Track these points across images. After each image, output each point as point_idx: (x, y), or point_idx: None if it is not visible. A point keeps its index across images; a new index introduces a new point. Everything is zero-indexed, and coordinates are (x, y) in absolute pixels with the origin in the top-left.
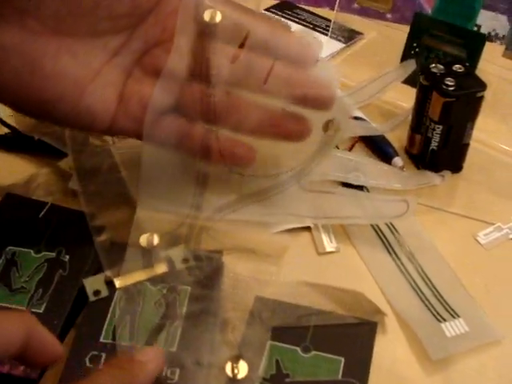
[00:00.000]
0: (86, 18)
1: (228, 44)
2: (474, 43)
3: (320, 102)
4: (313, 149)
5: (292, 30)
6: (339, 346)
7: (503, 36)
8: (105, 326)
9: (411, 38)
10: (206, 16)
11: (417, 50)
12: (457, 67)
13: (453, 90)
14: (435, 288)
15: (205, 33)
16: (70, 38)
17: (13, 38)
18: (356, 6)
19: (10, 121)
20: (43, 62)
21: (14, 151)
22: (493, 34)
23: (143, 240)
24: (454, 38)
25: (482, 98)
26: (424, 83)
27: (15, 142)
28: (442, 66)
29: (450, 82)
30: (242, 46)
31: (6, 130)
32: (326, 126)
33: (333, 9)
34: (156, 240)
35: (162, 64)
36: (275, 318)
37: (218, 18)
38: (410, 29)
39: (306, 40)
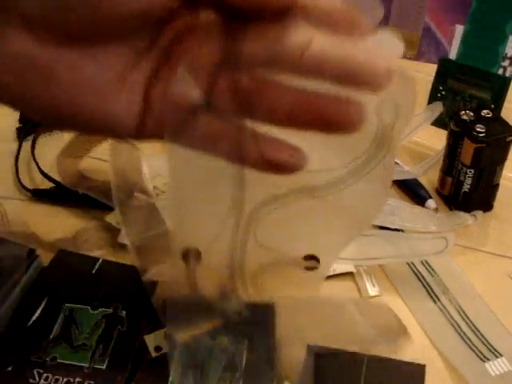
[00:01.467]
0: (102, 21)
1: None
2: (499, 86)
3: (376, 81)
4: (368, 140)
5: None
6: None
7: None
8: (169, 382)
9: (437, 81)
10: None
11: (443, 93)
12: (485, 112)
13: (483, 136)
14: (477, 328)
15: None
16: (86, 43)
17: (23, 46)
18: None
19: (54, 174)
20: (59, 71)
21: (60, 205)
22: None
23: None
24: (478, 81)
25: (511, 141)
26: (455, 129)
27: (60, 196)
28: (471, 113)
29: (480, 128)
30: None
31: (50, 184)
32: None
33: None
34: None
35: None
36: (328, 366)
37: None
38: (436, 73)
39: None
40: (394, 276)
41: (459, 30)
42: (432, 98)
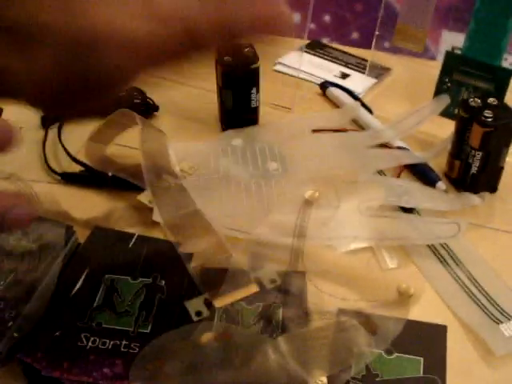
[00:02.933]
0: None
1: None
2: (502, 78)
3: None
4: None
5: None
6: (417, 347)
7: None
8: None
9: (443, 74)
10: None
11: (448, 85)
12: (491, 100)
13: (491, 121)
14: (488, 294)
15: None
16: None
17: None
18: (386, 44)
19: (81, 159)
20: None
21: (89, 187)
22: None
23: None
24: (482, 73)
25: None
26: (464, 115)
27: (89, 179)
28: (478, 100)
29: (488, 114)
30: None
31: (78, 169)
32: None
33: (358, 46)
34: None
35: None
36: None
37: None
38: (442, 66)
39: None
40: (410, 250)
41: (446, 34)
42: (438, 90)
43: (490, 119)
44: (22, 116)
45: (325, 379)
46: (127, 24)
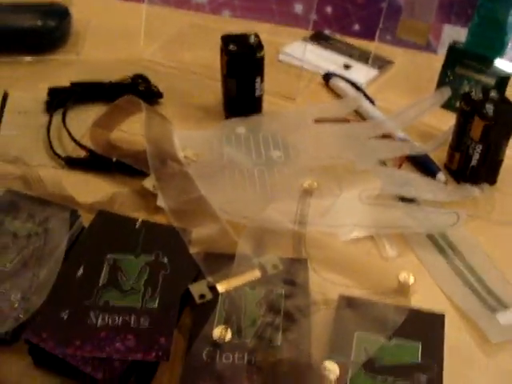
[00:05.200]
0: None
1: None
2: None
3: None
4: None
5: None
6: (416, 333)
7: None
8: (214, 326)
9: (446, 67)
10: None
11: (451, 78)
12: (492, 94)
13: (492, 115)
14: (485, 284)
15: None
16: None
17: None
18: (388, 37)
19: (86, 143)
20: None
21: (93, 172)
22: None
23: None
24: (484, 68)
25: None
26: (465, 108)
27: (94, 164)
28: (480, 94)
29: (489, 107)
30: None
31: (82, 154)
32: None
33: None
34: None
35: None
36: (358, 313)
37: None
38: (445, 59)
39: None
40: (410, 239)
41: (447, 29)
42: (440, 83)
43: (491, 112)
44: (27, 101)
45: (336, 367)
46: None
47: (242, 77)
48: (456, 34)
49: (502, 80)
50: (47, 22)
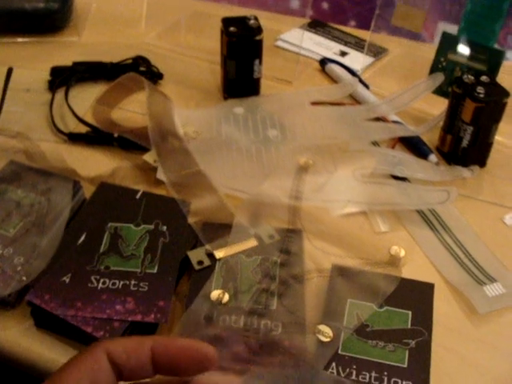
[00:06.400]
0: None
1: None
2: (495, 59)
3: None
4: None
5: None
6: (406, 302)
7: None
8: (211, 290)
9: (439, 54)
10: None
11: (444, 64)
12: (484, 78)
13: (483, 97)
14: (473, 258)
15: None
16: None
17: None
18: (384, 26)
19: (89, 119)
20: None
21: (95, 147)
22: None
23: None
24: (476, 54)
25: (506, 103)
26: (457, 91)
27: (96, 139)
28: (472, 77)
29: (480, 90)
30: None
31: (84, 130)
32: None
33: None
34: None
35: None
36: (351, 282)
37: None
38: (438, 46)
39: None
40: (402, 215)
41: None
42: (433, 69)
43: (482, 95)
44: (30, 78)
45: (329, 330)
46: None
47: (241, 58)
48: (451, 31)
49: (494, 66)
50: (50, 3)
